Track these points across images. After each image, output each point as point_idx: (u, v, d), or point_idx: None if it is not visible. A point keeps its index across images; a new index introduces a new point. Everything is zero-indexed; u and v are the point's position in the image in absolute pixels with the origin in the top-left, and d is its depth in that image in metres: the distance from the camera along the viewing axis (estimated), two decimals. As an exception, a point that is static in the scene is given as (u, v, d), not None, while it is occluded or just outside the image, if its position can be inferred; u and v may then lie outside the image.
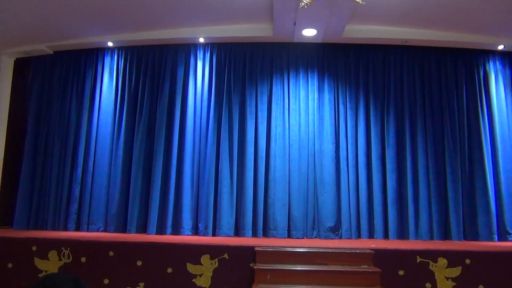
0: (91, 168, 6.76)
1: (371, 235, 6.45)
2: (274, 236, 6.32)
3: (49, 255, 5.00)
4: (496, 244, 5.96)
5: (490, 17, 6.09)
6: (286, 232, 6.37)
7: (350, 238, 6.37)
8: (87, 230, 6.52)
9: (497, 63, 7.01)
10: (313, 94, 6.83)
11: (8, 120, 7.12)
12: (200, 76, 6.93)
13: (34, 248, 5.03)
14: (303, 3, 4.69)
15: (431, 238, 6.34)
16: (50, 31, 6.62)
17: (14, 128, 7.14)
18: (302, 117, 6.75)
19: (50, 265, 4.97)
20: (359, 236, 6.45)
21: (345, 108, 6.83)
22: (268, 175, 6.58)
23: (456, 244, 5.83)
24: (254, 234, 6.36)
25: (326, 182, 6.52)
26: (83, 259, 4.96)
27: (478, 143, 6.64)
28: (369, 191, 6.58)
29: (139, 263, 4.90)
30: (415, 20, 6.34)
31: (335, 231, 6.37)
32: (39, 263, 5.00)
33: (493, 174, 6.58)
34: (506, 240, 6.31)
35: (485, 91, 6.87)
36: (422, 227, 6.38)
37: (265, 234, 6.41)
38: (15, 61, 7.29)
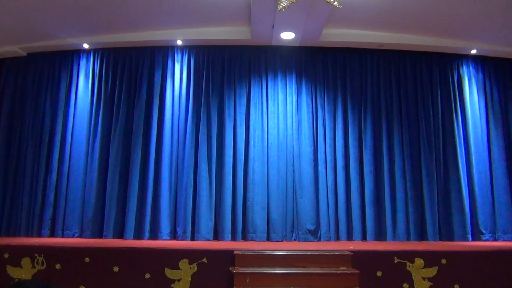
0: (66, 173, 6.61)
1: (349, 237, 6.50)
2: (253, 240, 6.31)
3: (22, 263, 4.85)
4: (471, 244, 6.10)
5: (463, 22, 6.24)
6: (265, 235, 6.36)
7: (329, 240, 6.40)
8: (62, 236, 6.37)
9: (470, 67, 7.19)
10: (291, 97, 6.86)
11: (-21, 124, 6.92)
12: (178, 79, 6.87)
13: (6, 256, 4.87)
14: (280, 6, 4.72)
15: (408, 239, 6.43)
16: (23, 32, 6.46)
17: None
18: (281, 120, 6.77)
19: (23, 272, 4.82)
20: (337, 238, 6.49)
21: (323, 111, 6.88)
22: (247, 179, 6.56)
23: (432, 245, 5.93)
24: (233, 237, 6.34)
25: (305, 184, 6.54)
26: (58, 266, 4.83)
27: (452, 145, 6.79)
28: (347, 193, 6.64)
29: (116, 269, 4.80)
30: (390, 24, 6.45)
31: (314, 233, 6.39)
32: (11, 270, 4.85)
33: (467, 175, 6.74)
34: (479, 239, 6.47)
35: (459, 94, 7.04)
36: (399, 228, 6.47)
37: (244, 237, 6.39)
38: (-14, 63, 7.10)
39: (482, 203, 6.62)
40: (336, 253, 4.91)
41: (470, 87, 7.09)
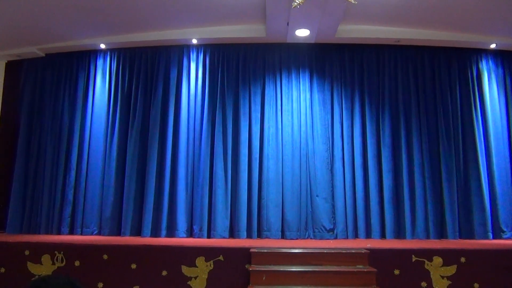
0: (85, 171, 6.71)
1: (368, 235, 6.44)
2: (267, 237, 6.30)
3: (42, 259, 4.95)
4: (491, 242, 5.98)
5: (482, 16, 6.11)
6: (280, 233, 6.34)
7: (346, 238, 6.35)
8: (81, 234, 6.48)
9: (490, 61, 7.03)
10: (306, 95, 6.81)
11: (-1, 123, 7.07)
12: (194, 78, 6.90)
13: (27, 253, 4.97)
14: (295, 3, 4.68)
15: (427, 237, 6.34)
16: (42, 33, 6.57)
17: (5, 131, 7.08)
18: (295, 117, 6.73)
19: (43, 269, 4.92)
20: (356, 236, 6.44)
21: (341, 108, 6.82)
22: (261, 177, 6.55)
23: (451, 243, 5.84)
24: (249, 235, 6.34)
25: (320, 182, 6.49)
26: (77, 263, 4.91)
27: (472, 141, 6.66)
28: (366, 191, 6.57)
29: (133, 266, 4.86)
30: (407, 20, 6.35)
31: (330, 231, 6.34)
32: (32, 267, 4.95)
33: (487, 172, 6.60)
34: (500, 238, 6.34)
35: (478, 89, 6.89)
36: (418, 226, 6.38)
37: (259, 235, 6.39)
38: (6, 64, 7.22)
39: (503, 200, 6.48)
40: (353, 251, 4.87)
41: (489, 82, 6.94)
